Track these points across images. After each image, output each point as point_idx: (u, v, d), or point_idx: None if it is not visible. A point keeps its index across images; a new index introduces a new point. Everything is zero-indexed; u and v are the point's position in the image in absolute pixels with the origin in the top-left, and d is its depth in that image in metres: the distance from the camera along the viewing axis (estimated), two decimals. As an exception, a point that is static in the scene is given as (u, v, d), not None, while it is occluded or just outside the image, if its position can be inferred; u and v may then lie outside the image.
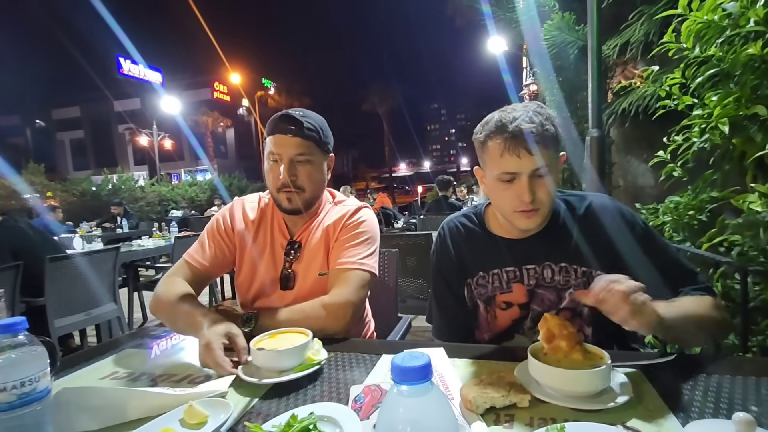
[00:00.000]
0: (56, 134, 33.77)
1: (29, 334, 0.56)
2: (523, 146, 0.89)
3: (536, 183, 0.92)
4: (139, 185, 13.40)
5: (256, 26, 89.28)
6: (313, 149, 1.15)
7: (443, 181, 5.75)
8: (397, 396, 0.34)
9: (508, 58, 8.76)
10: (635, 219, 1.00)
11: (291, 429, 0.56)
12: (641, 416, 0.62)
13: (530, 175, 0.91)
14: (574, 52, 3.28)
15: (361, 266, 1.13)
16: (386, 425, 0.35)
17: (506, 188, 0.94)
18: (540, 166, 0.90)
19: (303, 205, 1.16)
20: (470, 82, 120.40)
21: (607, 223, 0.98)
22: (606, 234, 0.98)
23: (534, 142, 0.88)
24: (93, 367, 0.95)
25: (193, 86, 31.79)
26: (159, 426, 0.62)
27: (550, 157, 0.91)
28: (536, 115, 0.91)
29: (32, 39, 71.89)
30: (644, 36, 2.57)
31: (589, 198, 1.04)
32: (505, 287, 1.03)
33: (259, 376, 0.81)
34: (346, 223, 1.20)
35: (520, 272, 1.02)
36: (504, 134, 0.91)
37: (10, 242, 2.51)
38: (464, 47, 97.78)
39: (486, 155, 0.96)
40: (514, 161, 0.91)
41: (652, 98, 2.33)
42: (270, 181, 1.17)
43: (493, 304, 1.05)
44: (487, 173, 0.99)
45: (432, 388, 0.34)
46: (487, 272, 1.05)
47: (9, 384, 0.53)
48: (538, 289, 1.02)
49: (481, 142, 0.96)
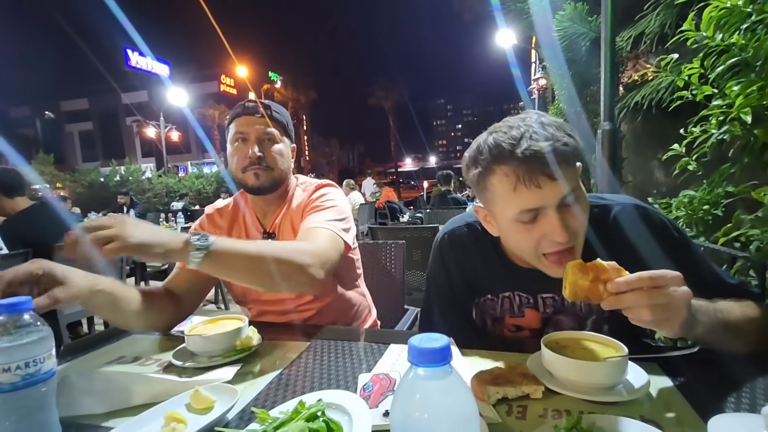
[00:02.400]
0: (65, 126, 34.10)
1: (35, 315, 0.55)
2: (542, 172, 0.70)
3: (567, 214, 0.73)
4: (146, 177, 13.48)
5: (263, 19, 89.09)
6: (280, 132, 1.18)
7: (444, 176, 5.78)
8: (414, 380, 0.32)
9: (516, 52, 8.65)
10: (669, 227, 0.84)
11: (299, 415, 0.55)
12: (659, 409, 0.60)
13: (558, 207, 0.72)
14: (586, 44, 3.22)
15: (328, 226, 1.06)
16: (402, 411, 0.33)
17: (528, 230, 0.75)
18: (567, 192, 0.72)
19: (270, 183, 1.15)
20: (477, 77, 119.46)
21: (638, 235, 0.82)
22: (636, 248, 0.81)
23: (554, 164, 0.69)
24: (100, 352, 0.95)
25: (200, 79, 31.86)
26: (165, 410, 0.61)
27: (576, 174, 0.74)
28: (544, 126, 0.72)
29: (42, 32, 72.33)
30: (660, 27, 2.51)
31: (614, 207, 0.86)
32: (516, 311, 0.92)
33: (192, 362, 0.84)
34: (310, 199, 1.19)
35: (535, 299, 0.89)
36: (511, 162, 0.71)
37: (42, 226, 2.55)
38: (471, 42, 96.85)
39: (489, 193, 0.77)
40: (534, 194, 0.71)
41: (667, 91, 2.28)
42: (235, 163, 1.16)
43: (501, 324, 0.95)
44: (496, 214, 0.80)
45: (451, 371, 0.32)
46: (496, 295, 0.93)
47: (13, 364, 0.52)
48: (556, 315, 0.89)
49: (479, 178, 0.77)
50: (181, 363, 0.83)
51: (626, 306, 0.61)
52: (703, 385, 0.66)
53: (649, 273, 0.61)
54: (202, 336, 0.85)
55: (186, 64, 32.18)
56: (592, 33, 3.07)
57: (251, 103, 1.17)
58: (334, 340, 0.95)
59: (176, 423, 0.58)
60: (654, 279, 0.60)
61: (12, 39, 68.10)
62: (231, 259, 0.85)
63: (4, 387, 0.52)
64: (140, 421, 0.60)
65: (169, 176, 14.55)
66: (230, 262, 0.86)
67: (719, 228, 1.42)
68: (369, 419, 0.57)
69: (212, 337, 0.85)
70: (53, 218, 2.65)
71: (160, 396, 0.68)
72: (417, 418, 0.31)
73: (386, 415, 0.60)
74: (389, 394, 0.66)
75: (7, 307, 0.53)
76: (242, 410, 0.67)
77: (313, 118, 12.63)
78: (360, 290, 1.33)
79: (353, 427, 0.56)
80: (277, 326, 1.08)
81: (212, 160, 28.64)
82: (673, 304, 0.60)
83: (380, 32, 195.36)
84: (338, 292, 1.22)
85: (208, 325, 0.92)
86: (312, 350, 0.90)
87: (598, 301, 0.64)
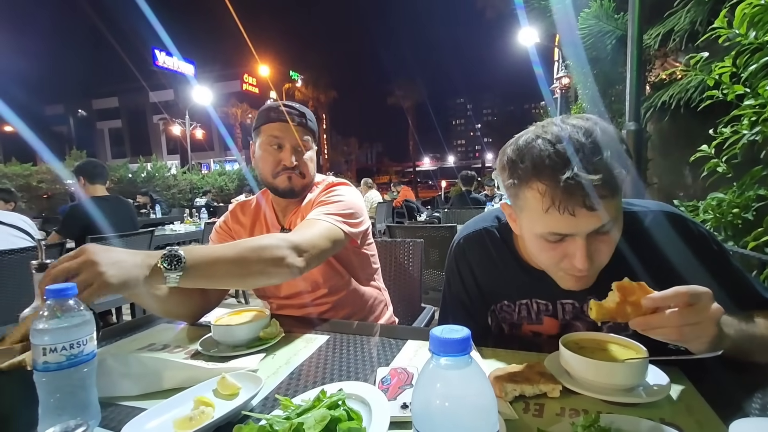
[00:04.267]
0: (96, 123, 35.43)
1: (78, 300, 0.59)
2: (581, 203, 0.64)
3: (596, 244, 0.69)
4: (171, 173, 13.90)
5: (285, 19, 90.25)
6: (311, 138, 1.22)
7: (467, 177, 5.75)
8: (435, 369, 0.34)
9: (539, 50, 8.50)
10: (707, 239, 0.78)
11: (320, 403, 0.57)
12: (680, 412, 0.59)
13: (588, 235, 0.68)
14: (612, 42, 3.14)
15: (323, 218, 1.06)
16: (423, 400, 0.34)
17: (552, 248, 0.72)
18: (603, 224, 0.67)
19: (300, 189, 1.20)
20: (498, 76, 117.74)
21: (669, 245, 0.77)
22: (667, 257, 0.77)
23: (600, 196, 0.63)
24: (131, 339, 1.00)
25: (224, 78, 32.56)
26: (194, 394, 0.65)
27: (618, 205, 0.68)
28: (597, 150, 0.64)
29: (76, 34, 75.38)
30: (690, 24, 2.44)
31: (647, 215, 0.81)
32: (534, 319, 0.89)
33: (216, 351, 0.87)
34: (320, 195, 1.21)
35: (554, 306, 0.87)
36: (551, 183, 0.64)
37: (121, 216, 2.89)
38: (493, 40, 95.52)
39: (520, 202, 0.72)
40: (567, 221, 0.66)
41: (696, 90, 2.21)
42: (267, 167, 1.18)
43: (519, 330, 0.93)
44: (523, 222, 0.76)
45: (471, 362, 0.33)
46: (513, 302, 0.91)
47: (59, 345, 0.56)
48: (574, 321, 0.87)
49: (513, 184, 0.72)
50: (207, 351, 0.87)
51: (657, 327, 0.60)
52: (725, 389, 0.65)
53: (686, 289, 0.59)
54: (228, 326, 0.89)
55: (210, 64, 32.96)
56: (619, 31, 3.00)
57: (287, 108, 1.19)
58: (353, 335, 0.97)
59: (205, 406, 0.61)
60: (691, 295, 0.59)
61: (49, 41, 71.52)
62: (208, 267, 0.82)
63: (50, 366, 0.56)
64: (172, 404, 0.63)
65: (192, 173, 14.97)
66: (209, 271, 0.82)
67: (749, 232, 1.38)
68: (388, 410, 0.58)
69: (237, 327, 0.89)
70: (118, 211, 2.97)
71: (189, 381, 0.71)
72: (438, 406, 0.33)
73: (404, 408, 0.62)
74: (407, 387, 0.68)
75: (55, 293, 0.57)
76: (265, 398, 0.70)
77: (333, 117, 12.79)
78: (376, 285, 1.35)
79: (372, 417, 0.58)
80: (297, 320, 1.11)
81: (234, 158, 29.25)
82: (704, 323, 0.59)
83: (401, 31, 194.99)
84: (353, 286, 1.25)
85: (233, 317, 0.96)
86: (331, 344, 0.93)
87: (624, 320, 0.63)
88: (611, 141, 0.66)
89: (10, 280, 1.99)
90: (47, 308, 0.57)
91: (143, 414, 0.60)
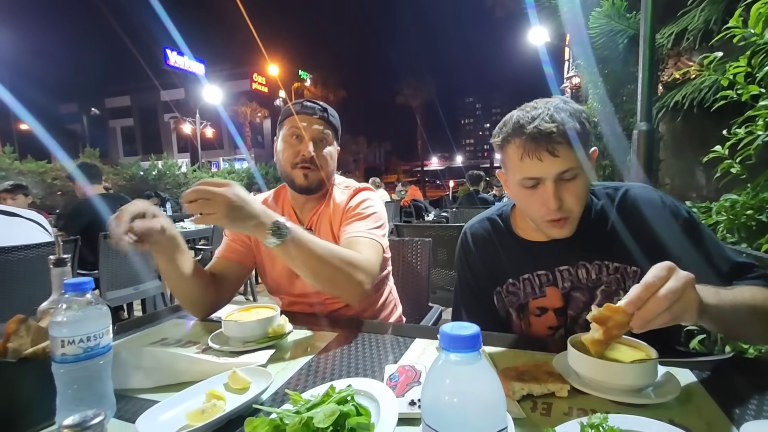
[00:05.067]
0: (109, 122, 35.97)
1: (95, 294, 0.61)
2: (544, 148, 0.81)
3: (563, 187, 0.84)
4: (181, 171, 14.06)
5: (294, 19, 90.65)
6: (332, 133, 1.22)
7: (474, 176, 5.73)
8: (445, 365, 0.34)
9: (549, 49, 8.42)
10: (678, 208, 0.90)
11: (329, 399, 0.58)
12: (690, 414, 0.59)
13: (556, 180, 0.83)
14: (623, 42, 3.11)
15: (371, 236, 1.11)
16: (432, 395, 0.35)
17: (531, 194, 0.87)
18: (566, 169, 0.82)
19: (317, 184, 1.20)
20: (508, 75, 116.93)
21: (645, 214, 0.90)
22: (643, 225, 0.89)
23: (557, 142, 0.80)
24: (143, 333, 1.02)
25: (233, 77, 32.81)
26: (206, 388, 0.66)
27: (579, 157, 0.82)
28: (558, 111, 0.82)
29: (90, 33, 76.60)
30: (704, 23, 2.40)
31: (624, 187, 0.95)
32: (538, 292, 0.97)
33: (227, 346, 0.89)
34: (350, 203, 1.22)
35: (553, 275, 0.96)
36: (522, 136, 0.83)
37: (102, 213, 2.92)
38: (503, 39, 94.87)
39: (506, 159, 0.90)
40: (536, 165, 0.83)
41: (710, 90, 2.18)
42: (286, 158, 1.19)
43: (526, 311, 0.99)
44: (509, 178, 0.92)
45: (480, 358, 0.33)
46: (517, 278, 0.99)
47: (77, 338, 0.58)
48: (573, 292, 0.95)
49: (500, 146, 0.90)
50: (218, 346, 0.89)
51: (652, 318, 0.61)
52: (736, 391, 0.64)
53: (649, 278, 0.62)
54: (238, 322, 0.90)
55: (220, 63, 33.23)
56: (630, 30, 2.97)
57: (310, 102, 1.21)
58: (361, 332, 0.98)
59: (216, 400, 0.63)
60: (656, 279, 0.61)
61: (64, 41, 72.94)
62: (301, 252, 0.92)
63: (68, 358, 0.57)
64: (184, 396, 0.65)
65: (203, 171, 15.13)
66: (300, 255, 0.92)
67: (763, 234, 1.36)
68: (396, 406, 0.59)
69: (247, 323, 0.90)
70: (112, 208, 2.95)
71: (200, 375, 0.73)
72: (447, 401, 0.33)
73: (412, 404, 0.63)
74: (415, 384, 0.69)
75: (73, 286, 0.59)
76: (275, 392, 0.71)
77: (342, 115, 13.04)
78: (388, 285, 1.36)
79: (381, 413, 0.58)
80: (306, 316, 1.12)
81: (243, 157, 29.49)
82: (685, 293, 0.61)
83: (411, 30, 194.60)
84: None
85: (243, 313, 0.97)
86: (340, 340, 0.94)
87: (617, 338, 0.66)
88: (575, 109, 0.84)
89: (30, 273, 2.04)
90: (65, 301, 0.59)
91: (157, 406, 0.62)
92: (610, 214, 0.93)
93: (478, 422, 0.32)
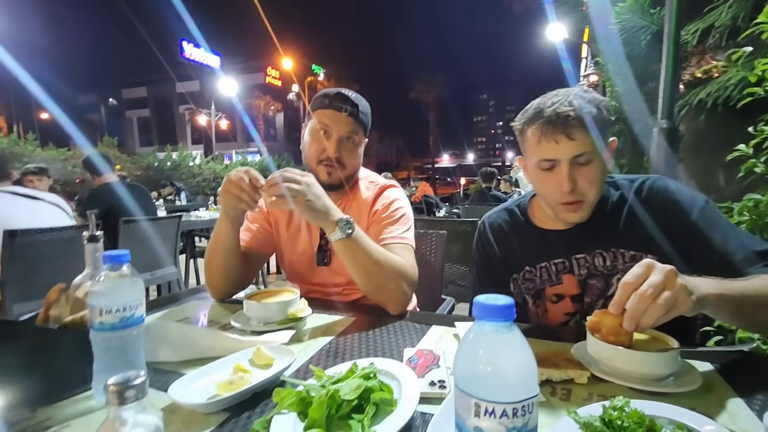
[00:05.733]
0: (126, 112, 36.59)
1: (131, 267, 0.63)
2: (560, 131, 0.84)
3: (578, 171, 0.87)
4: (195, 163, 14.25)
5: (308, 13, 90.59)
6: (361, 131, 1.21)
7: (487, 173, 5.70)
8: (478, 335, 0.35)
9: (567, 46, 8.29)
10: (694, 196, 0.90)
11: (353, 375, 0.59)
12: (711, 404, 0.59)
13: (570, 162, 0.86)
14: (646, 38, 3.04)
15: (403, 240, 1.14)
16: (465, 364, 0.36)
17: (547, 177, 0.90)
18: (581, 152, 0.85)
19: (339, 182, 1.19)
20: (523, 73, 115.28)
21: (661, 203, 0.90)
22: (659, 214, 0.89)
23: (573, 126, 0.83)
24: (167, 312, 1.05)
25: (248, 70, 33.01)
26: (233, 362, 0.68)
27: (594, 142, 0.84)
28: (577, 97, 0.85)
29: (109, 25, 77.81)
30: (731, 20, 2.34)
31: (641, 178, 0.96)
32: (554, 279, 0.99)
33: (248, 325, 0.92)
34: (378, 203, 1.22)
35: (570, 263, 0.97)
36: (541, 119, 0.87)
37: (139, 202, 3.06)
38: (519, 36, 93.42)
39: (525, 143, 0.93)
40: (552, 147, 0.86)
41: (736, 88, 2.13)
42: (311, 152, 1.18)
43: (543, 297, 1.01)
44: (528, 161, 0.95)
45: (514, 328, 0.34)
46: (534, 266, 1.01)
47: (114, 307, 0.60)
48: (589, 279, 0.96)
49: (520, 130, 0.94)
50: (240, 326, 0.91)
51: (640, 313, 0.61)
52: (757, 383, 0.64)
53: (622, 281, 0.63)
54: (260, 303, 0.93)
55: (235, 56, 33.44)
56: (654, 26, 2.90)
57: (342, 96, 1.17)
58: (378, 318, 0.99)
59: (243, 373, 0.65)
60: (633, 277, 0.62)
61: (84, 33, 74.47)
62: (361, 251, 0.97)
63: (105, 326, 0.60)
64: (213, 368, 0.67)
65: (216, 162, 15.31)
66: (359, 254, 0.97)
67: (788, 235, 1.33)
68: (417, 386, 0.60)
69: (268, 304, 0.92)
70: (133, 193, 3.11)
71: (225, 351, 0.75)
72: (481, 370, 0.34)
73: (432, 385, 0.64)
74: (434, 367, 0.70)
75: (111, 258, 0.61)
76: (297, 370, 0.73)
77: (354, 110, 13.08)
78: None
79: (402, 390, 0.60)
80: (325, 301, 1.14)
81: (255, 150, 29.73)
82: (668, 283, 0.61)
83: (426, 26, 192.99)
84: None
85: (263, 295, 1.00)
86: (358, 325, 0.95)
87: (626, 337, 0.66)
88: (594, 98, 0.87)
89: (54, 256, 2.10)
90: (104, 273, 0.61)
91: (186, 376, 0.64)
92: (627, 203, 0.94)
93: (511, 389, 0.33)
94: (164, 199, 7.60)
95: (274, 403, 0.55)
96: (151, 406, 0.41)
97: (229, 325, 0.93)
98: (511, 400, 0.33)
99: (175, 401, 0.58)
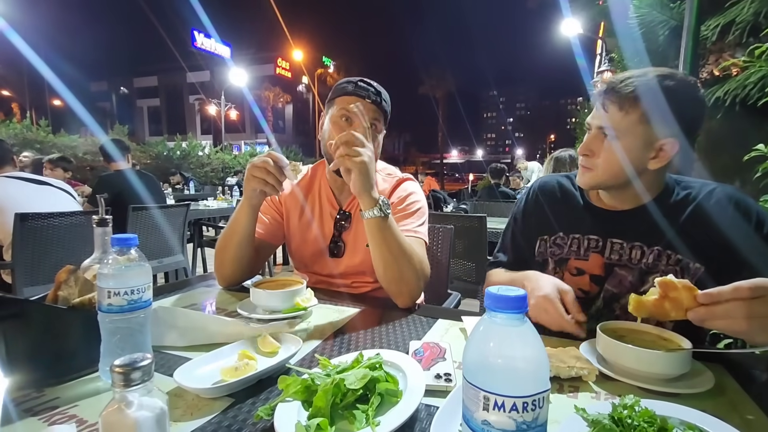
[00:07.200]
0: (136, 101, 36.85)
1: (139, 251, 0.63)
2: (601, 101, 0.89)
3: (597, 140, 0.91)
4: (204, 152, 14.32)
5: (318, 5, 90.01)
6: (382, 119, 1.18)
7: (496, 170, 5.66)
8: (490, 326, 0.34)
9: (581, 42, 8.14)
10: (765, 216, 0.85)
11: (358, 365, 0.59)
12: (722, 406, 0.58)
13: (596, 132, 0.91)
14: (665, 34, 2.97)
15: (417, 234, 1.13)
16: (476, 354, 0.35)
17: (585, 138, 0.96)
18: (605, 126, 0.88)
19: None
20: (536, 69, 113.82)
21: (726, 215, 0.85)
22: (722, 226, 0.84)
23: (611, 101, 0.86)
24: (174, 298, 1.05)
25: (258, 62, 32.99)
26: (239, 348, 0.68)
27: (622, 120, 0.86)
28: (642, 75, 0.86)
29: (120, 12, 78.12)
30: (753, 16, 2.27)
31: (712, 185, 0.92)
32: (582, 254, 0.98)
33: (254, 313, 0.91)
34: (395, 195, 1.20)
35: (603, 243, 0.96)
36: (606, 85, 0.91)
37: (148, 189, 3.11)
38: (532, 31, 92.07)
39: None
40: (593, 113, 0.92)
41: (756, 86, 2.07)
42: (332, 140, 1.17)
43: (564, 266, 1.01)
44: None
45: (526, 321, 0.34)
46: (567, 234, 1.01)
47: (122, 290, 0.60)
48: (618, 267, 0.94)
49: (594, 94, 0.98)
50: (246, 313, 0.91)
51: (721, 317, 0.59)
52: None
53: (748, 284, 0.59)
54: (267, 291, 0.92)
55: (246, 47, 33.50)
56: (673, 21, 2.83)
57: (364, 84, 1.15)
58: (384, 310, 0.99)
59: (248, 359, 0.65)
60: (754, 289, 0.58)
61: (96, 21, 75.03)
62: (390, 235, 0.97)
63: (113, 308, 0.60)
64: (219, 354, 0.67)
65: (225, 153, 15.37)
66: (388, 237, 0.97)
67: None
68: (423, 377, 0.60)
69: (275, 293, 0.92)
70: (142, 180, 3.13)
71: (231, 337, 0.75)
72: (492, 362, 0.34)
73: (438, 378, 0.63)
74: (440, 360, 0.69)
75: (120, 241, 0.61)
76: (302, 358, 0.73)
77: (363, 104, 13.01)
78: None
79: (407, 382, 0.59)
80: (331, 293, 1.14)
81: (264, 141, 29.80)
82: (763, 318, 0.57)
83: (437, 20, 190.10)
84: None
85: (270, 284, 1.00)
86: (364, 316, 0.95)
87: (664, 318, 0.65)
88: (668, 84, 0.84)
89: (63, 240, 2.13)
90: (112, 255, 0.61)
91: (192, 361, 0.64)
92: (687, 206, 0.90)
93: (522, 383, 0.33)
94: (173, 188, 7.66)
95: (279, 390, 0.55)
96: (156, 389, 0.41)
97: (236, 313, 0.93)
98: (522, 394, 0.32)
99: (180, 385, 0.58)
